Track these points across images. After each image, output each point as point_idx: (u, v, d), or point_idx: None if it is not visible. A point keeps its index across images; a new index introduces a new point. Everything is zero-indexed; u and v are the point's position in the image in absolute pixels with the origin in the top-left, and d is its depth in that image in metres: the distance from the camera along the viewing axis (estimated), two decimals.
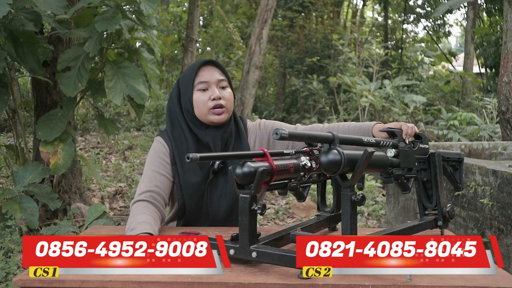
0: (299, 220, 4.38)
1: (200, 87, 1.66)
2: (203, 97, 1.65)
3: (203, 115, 1.65)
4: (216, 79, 1.67)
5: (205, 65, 1.69)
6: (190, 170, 1.65)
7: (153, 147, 1.71)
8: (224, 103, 1.65)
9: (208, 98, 1.64)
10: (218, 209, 1.67)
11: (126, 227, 1.50)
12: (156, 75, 3.62)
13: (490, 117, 8.04)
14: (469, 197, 2.79)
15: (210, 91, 1.65)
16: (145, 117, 10.67)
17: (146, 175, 1.65)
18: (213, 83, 1.66)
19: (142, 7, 3.02)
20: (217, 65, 1.70)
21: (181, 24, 12.94)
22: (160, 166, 1.66)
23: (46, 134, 3.12)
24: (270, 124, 1.81)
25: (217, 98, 1.64)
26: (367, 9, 17.03)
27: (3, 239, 3.11)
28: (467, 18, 11.86)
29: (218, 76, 1.68)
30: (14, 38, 2.98)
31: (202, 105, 1.64)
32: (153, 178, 1.63)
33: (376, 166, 1.28)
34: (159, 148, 1.69)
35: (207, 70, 1.68)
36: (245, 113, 8.06)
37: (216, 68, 1.69)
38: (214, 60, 1.71)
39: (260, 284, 1.09)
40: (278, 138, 1.05)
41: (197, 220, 1.69)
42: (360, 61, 10.82)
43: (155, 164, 1.66)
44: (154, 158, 1.67)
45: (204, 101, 1.64)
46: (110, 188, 5.12)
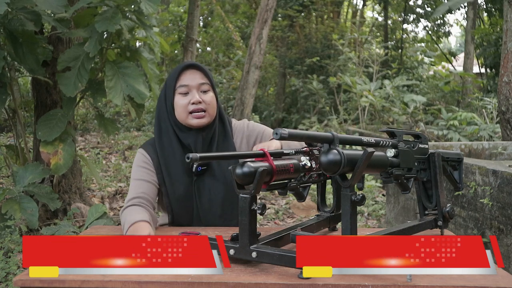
0: (299, 220, 4.38)
1: (181, 91, 1.66)
2: (183, 100, 1.65)
3: (183, 118, 1.66)
4: (197, 83, 1.66)
5: (187, 68, 1.68)
6: (176, 176, 1.66)
7: (136, 159, 1.72)
8: (204, 107, 1.65)
9: (188, 102, 1.65)
10: (208, 212, 1.67)
11: (122, 228, 1.50)
12: (156, 75, 3.62)
13: (490, 117, 8.04)
14: (469, 197, 2.79)
15: (190, 95, 1.66)
16: (145, 117, 10.67)
17: (132, 185, 1.67)
18: (194, 87, 1.66)
19: (142, 7, 3.02)
20: (200, 68, 1.69)
21: (181, 24, 12.94)
22: (144, 174, 1.67)
23: (46, 134, 3.12)
24: (259, 128, 1.81)
25: (196, 102, 1.64)
26: (367, 9, 17.04)
27: (3, 239, 3.11)
28: (467, 18, 11.86)
29: (199, 80, 1.67)
30: (13, 38, 2.98)
31: (182, 109, 1.65)
32: (138, 186, 1.65)
33: (376, 166, 1.28)
34: (142, 159, 1.70)
35: (188, 73, 1.67)
36: (245, 113, 8.06)
37: (198, 72, 1.68)
38: (196, 63, 1.71)
39: (260, 284, 1.09)
40: (278, 138, 1.05)
41: (189, 224, 1.70)
42: (360, 61, 10.82)
43: (138, 173, 1.68)
44: (138, 168, 1.69)
45: (184, 105, 1.65)
46: (110, 188, 5.12)
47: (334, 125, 9.22)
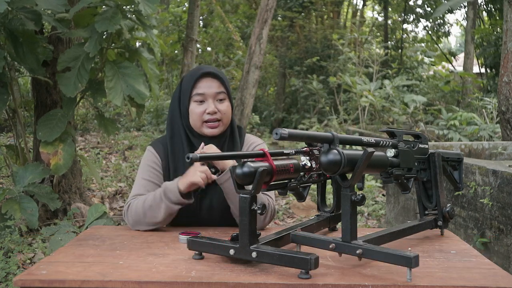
0: (299, 220, 4.38)
1: (197, 99, 1.65)
2: (198, 109, 1.64)
3: (197, 126, 1.65)
4: (213, 92, 1.65)
5: (205, 76, 1.66)
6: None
7: (145, 157, 1.72)
8: (219, 117, 1.65)
9: (203, 111, 1.64)
10: (208, 219, 1.66)
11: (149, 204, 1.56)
12: (156, 75, 3.62)
13: (490, 117, 8.04)
14: (469, 197, 2.79)
15: (206, 104, 1.64)
16: (145, 117, 10.67)
17: (137, 183, 1.68)
18: (210, 96, 1.64)
19: (140, 7, 3.01)
20: (217, 77, 1.66)
21: (181, 24, 12.94)
22: (151, 175, 1.67)
23: (46, 134, 3.12)
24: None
25: (212, 113, 1.63)
26: (367, 9, 17.04)
27: (3, 239, 3.11)
28: (467, 18, 11.86)
29: (216, 89, 1.65)
30: (13, 37, 2.98)
31: (197, 117, 1.64)
32: (144, 186, 1.66)
33: (376, 166, 1.27)
34: (151, 157, 1.70)
35: (205, 81, 1.65)
36: (245, 113, 8.06)
37: (215, 80, 1.66)
38: (214, 71, 1.67)
39: (260, 284, 1.09)
40: (278, 138, 1.05)
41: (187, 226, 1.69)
42: (360, 61, 10.83)
43: (146, 173, 1.68)
44: (145, 167, 1.69)
45: (199, 114, 1.64)
46: (110, 188, 5.12)
47: (334, 125, 9.22)
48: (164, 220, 1.57)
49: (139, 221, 1.58)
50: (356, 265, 1.21)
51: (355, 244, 1.14)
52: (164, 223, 1.59)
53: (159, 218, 1.56)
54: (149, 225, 1.58)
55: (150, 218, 1.56)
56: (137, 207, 1.58)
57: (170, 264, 1.23)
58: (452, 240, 1.49)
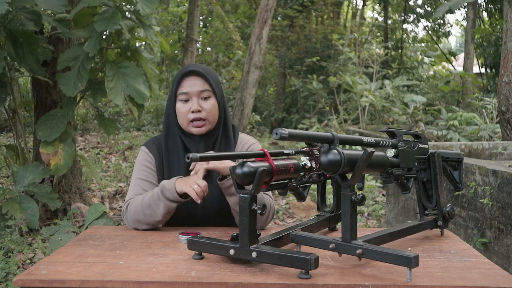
0: (299, 220, 4.38)
1: (182, 98, 1.65)
2: (183, 108, 1.65)
3: (185, 126, 1.66)
4: (196, 91, 1.64)
5: (188, 75, 1.66)
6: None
7: (139, 157, 1.72)
8: (204, 116, 1.64)
9: (188, 109, 1.64)
10: (202, 219, 1.66)
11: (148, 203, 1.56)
12: (156, 75, 3.62)
13: (490, 117, 8.04)
14: (469, 197, 2.79)
15: (190, 103, 1.64)
16: (145, 117, 10.67)
17: (133, 183, 1.68)
18: (194, 94, 1.64)
19: (139, 7, 3.01)
20: (201, 74, 1.65)
21: (181, 24, 12.94)
22: (145, 174, 1.68)
23: (46, 134, 3.12)
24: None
25: (195, 111, 1.63)
26: (367, 9, 17.04)
27: (3, 239, 3.11)
28: (467, 18, 11.87)
29: (200, 87, 1.64)
30: (13, 37, 2.98)
31: (183, 117, 1.65)
32: (140, 185, 1.66)
33: (376, 166, 1.27)
34: (144, 157, 1.71)
35: (189, 80, 1.65)
36: (245, 113, 8.06)
37: (199, 78, 1.65)
38: (197, 69, 1.66)
39: (260, 284, 1.09)
40: (278, 138, 1.05)
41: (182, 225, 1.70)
42: (360, 61, 10.83)
43: (141, 172, 1.69)
44: (140, 167, 1.70)
45: (184, 113, 1.64)
46: (110, 188, 5.12)
47: (334, 125, 9.22)
48: (163, 218, 1.58)
49: (138, 220, 1.58)
50: (356, 265, 1.21)
51: (355, 244, 1.14)
52: (162, 221, 1.60)
53: (158, 216, 1.56)
54: (148, 224, 1.59)
55: (149, 217, 1.57)
56: (136, 206, 1.58)
57: (170, 264, 1.23)
58: (452, 240, 1.49)
